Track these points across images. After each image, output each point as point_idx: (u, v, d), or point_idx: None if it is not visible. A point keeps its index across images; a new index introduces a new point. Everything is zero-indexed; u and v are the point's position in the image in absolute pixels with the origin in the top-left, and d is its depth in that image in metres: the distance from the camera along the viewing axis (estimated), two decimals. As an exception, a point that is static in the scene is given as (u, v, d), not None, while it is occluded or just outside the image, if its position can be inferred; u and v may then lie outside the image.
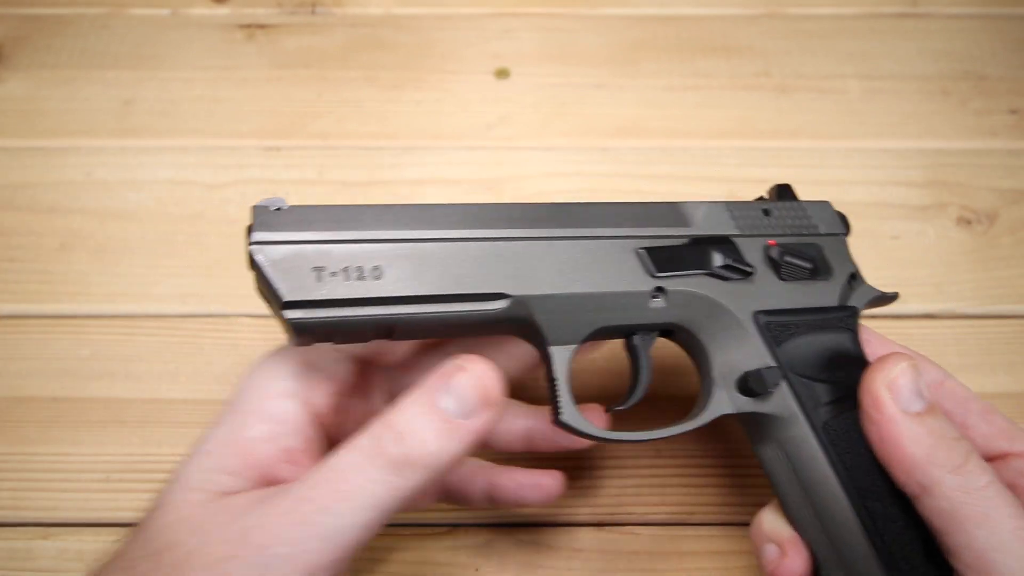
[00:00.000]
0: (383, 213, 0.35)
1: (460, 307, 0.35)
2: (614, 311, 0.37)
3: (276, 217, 0.34)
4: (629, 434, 0.39)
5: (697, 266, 0.38)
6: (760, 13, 0.69)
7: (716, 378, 0.39)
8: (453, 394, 0.32)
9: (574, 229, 0.37)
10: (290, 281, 0.33)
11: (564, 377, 0.37)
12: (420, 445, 0.31)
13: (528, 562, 0.46)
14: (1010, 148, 0.62)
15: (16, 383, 0.51)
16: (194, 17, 0.68)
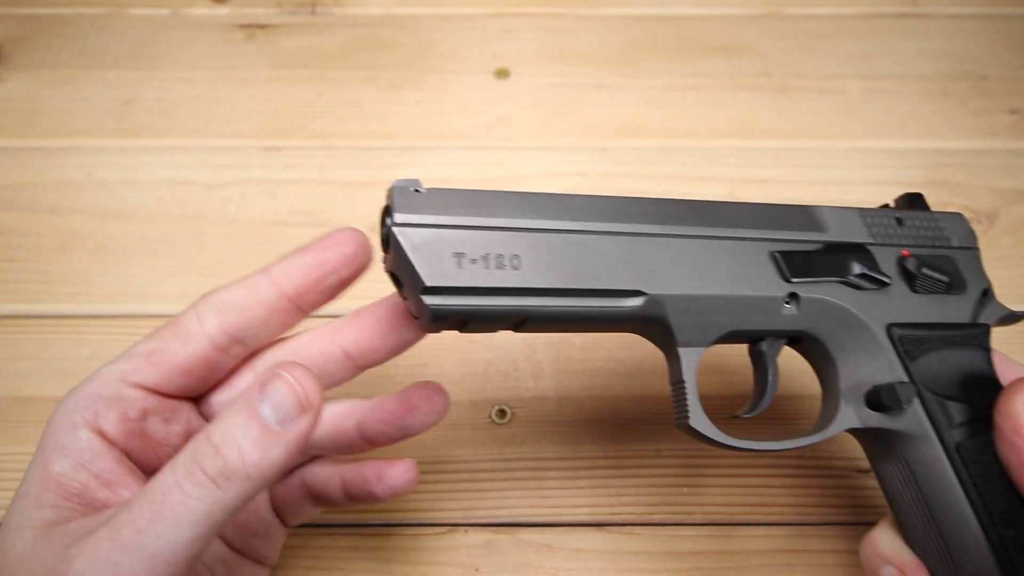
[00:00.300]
0: (522, 201, 0.34)
1: (595, 302, 0.34)
2: (746, 315, 0.36)
3: (416, 199, 0.32)
4: (755, 443, 0.37)
5: (833, 273, 0.37)
6: (760, 13, 0.69)
7: (843, 390, 0.37)
8: (270, 401, 0.31)
9: (710, 228, 0.36)
10: (431, 266, 0.32)
11: (692, 380, 0.36)
12: (238, 456, 0.30)
13: (528, 562, 0.46)
14: (1010, 148, 0.62)
15: (16, 383, 0.51)
16: (194, 17, 0.68)
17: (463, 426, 0.50)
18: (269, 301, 0.36)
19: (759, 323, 0.37)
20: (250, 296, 0.36)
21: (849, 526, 0.47)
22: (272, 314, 0.36)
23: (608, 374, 0.52)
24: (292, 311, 0.37)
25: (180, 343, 0.36)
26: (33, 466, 0.35)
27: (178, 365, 0.36)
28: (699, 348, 0.36)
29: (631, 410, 0.51)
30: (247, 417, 0.31)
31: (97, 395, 0.35)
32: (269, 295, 0.36)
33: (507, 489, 0.48)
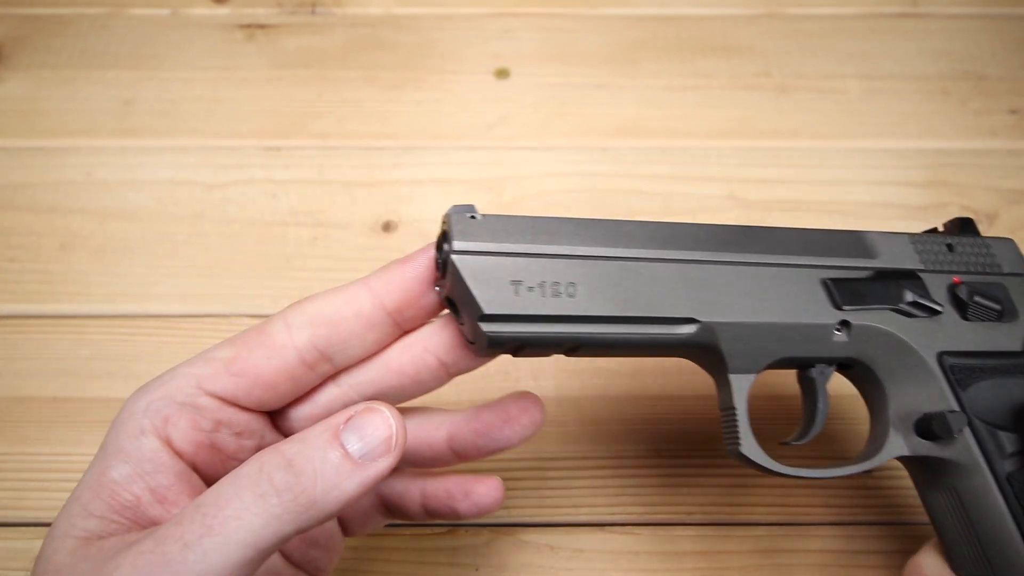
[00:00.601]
0: (577, 227, 0.34)
1: (648, 329, 0.34)
2: (797, 342, 0.36)
3: (473, 225, 0.33)
4: (805, 471, 0.37)
5: (884, 301, 0.37)
6: (760, 13, 0.69)
7: (893, 418, 0.37)
8: (358, 433, 0.30)
9: (761, 255, 0.36)
10: (489, 293, 0.32)
11: (743, 407, 0.36)
12: (311, 479, 0.28)
13: (528, 562, 0.46)
14: (1010, 148, 0.62)
15: (16, 383, 0.51)
16: (194, 17, 0.68)
17: (463, 426, 0.50)
18: (366, 314, 0.33)
19: (810, 350, 0.37)
20: (345, 308, 0.33)
21: (849, 526, 0.47)
22: (368, 329, 0.34)
23: (608, 374, 0.52)
24: (390, 327, 0.34)
25: (265, 354, 0.33)
26: (91, 468, 0.32)
27: (260, 378, 0.33)
28: (749, 375, 0.36)
29: (631, 410, 0.51)
30: (330, 441, 0.29)
31: (169, 399, 0.33)
32: (367, 308, 0.33)
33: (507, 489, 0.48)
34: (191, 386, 0.33)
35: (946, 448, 0.36)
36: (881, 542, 0.47)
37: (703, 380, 0.52)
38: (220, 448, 0.34)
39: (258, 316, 0.54)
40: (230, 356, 0.33)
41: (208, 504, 0.28)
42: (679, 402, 0.51)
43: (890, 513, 0.48)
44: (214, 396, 0.33)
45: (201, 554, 0.27)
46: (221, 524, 0.27)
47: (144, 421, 0.32)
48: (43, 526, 0.47)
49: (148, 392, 0.33)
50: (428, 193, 0.59)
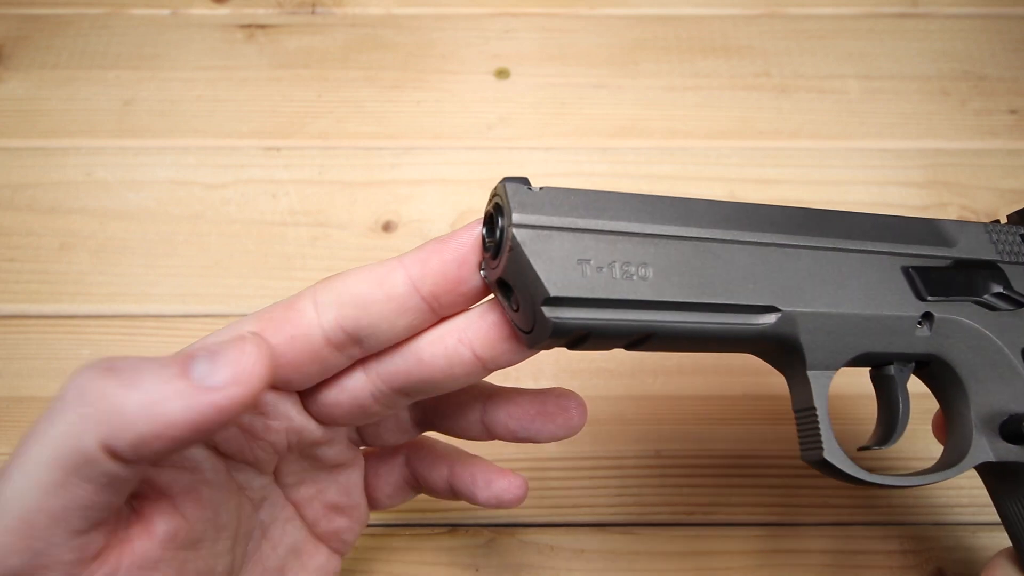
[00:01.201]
0: (644, 204, 0.31)
1: (726, 318, 0.31)
2: (879, 336, 0.34)
3: (533, 197, 0.29)
4: (891, 479, 0.35)
5: (969, 292, 0.35)
6: (760, 13, 0.69)
7: (976, 420, 0.35)
8: (210, 357, 0.26)
9: (840, 240, 0.34)
10: (555, 273, 0.28)
11: (824, 407, 0.33)
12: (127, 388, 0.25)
13: (528, 563, 0.46)
14: (1010, 148, 0.62)
15: (16, 383, 0.51)
16: (194, 17, 0.68)
17: (463, 426, 0.50)
18: (399, 297, 0.30)
19: (890, 345, 0.34)
20: (377, 290, 0.30)
21: (849, 526, 0.47)
22: (400, 314, 0.30)
23: (608, 374, 0.52)
24: (425, 313, 0.30)
25: (290, 332, 0.30)
26: None
27: (284, 357, 0.30)
28: (829, 372, 0.33)
29: (631, 410, 0.51)
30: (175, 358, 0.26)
31: None
32: (400, 290, 0.30)
33: (507, 489, 0.48)
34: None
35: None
36: (881, 542, 0.47)
37: (703, 380, 0.52)
38: (247, 429, 0.32)
39: (258, 316, 0.54)
40: (255, 332, 0.29)
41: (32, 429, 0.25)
42: (679, 402, 0.51)
43: (890, 513, 0.48)
44: None
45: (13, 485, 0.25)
46: (25, 448, 0.25)
47: None
48: (43, 526, 0.47)
49: None
50: (428, 193, 0.59)
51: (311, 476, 0.36)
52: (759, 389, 0.51)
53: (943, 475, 0.35)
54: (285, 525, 0.36)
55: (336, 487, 0.36)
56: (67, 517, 0.25)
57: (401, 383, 0.32)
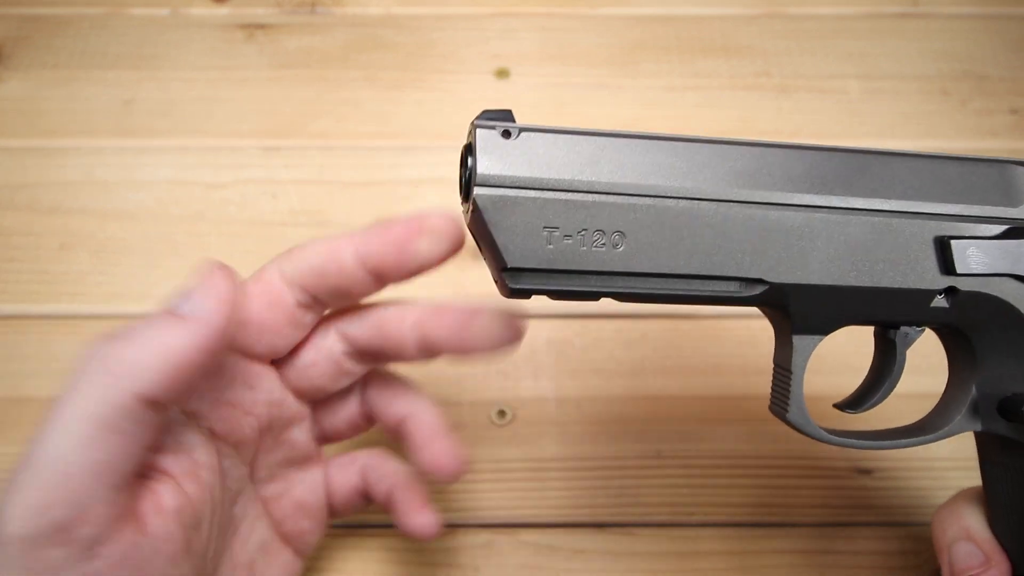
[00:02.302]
0: (638, 152, 0.29)
1: (705, 288, 0.29)
2: (886, 307, 0.31)
3: (505, 149, 0.28)
4: (859, 442, 0.34)
5: (1011, 267, 0.31)
6: (760, 13, 0.69)
7: (976, 391, 0.33)
8: (184, 295, 0.30)
9: (864, 199, 0.30)
10: (516, 242, 0.27)
11: (801, 371, 0.32)
12: (131, 341, 0.29)
13: (528, 563, 0.46)
14: (1010, 148, 0.62)
15: (16, 383, 0.51)
16: (194, 17, 0.68)
17: (463, 426, 0.50)
18: (349, 269, 0.34)
19: (899, 314, 0.31)
20: (330, 262, 0.34)
21: (849, 527, 0.47)
22: (352, 283, 0.34)
23: (608, 374, 0.52)
24: (371, 283, 0.35)
25: (267, 301, 0.34)
26: None
27: (265, 323, 0.34)
28: (817, 336, 0.31)
29: (631, 410, 0.51)
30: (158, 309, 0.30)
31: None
32: (349, 264, 0.34)
33: (507, 489, 0.48)
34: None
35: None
36: (881, 542, 0.47)
37: (703, 380, 0.52)
38: (235, 404, 0.35)
39: (258, 316, 0.54)
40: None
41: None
42: (679, 402, 0.51)
43: (890, 513, 0.48)
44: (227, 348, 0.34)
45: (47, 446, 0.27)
46: (57, 413, 0.28)
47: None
48: (43, 526, 0.47)
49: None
50: (428, 193, 0.59)
51: (281, 472, 0.39)
52: (760, 389, 0.51)
53: (919, 440, 0.33)
54: (255, 522, 0.38)
55: (302, 486, 0.39)
56: (103, 471, 0.28)
57: (363, 346, 0.36)
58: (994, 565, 0.33)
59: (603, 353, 0.53)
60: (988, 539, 0.34)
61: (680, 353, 0.53)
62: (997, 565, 0.33)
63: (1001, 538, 0.34)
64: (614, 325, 0.54)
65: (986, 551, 0.34)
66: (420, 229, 0.33)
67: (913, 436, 0.34)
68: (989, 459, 0.35)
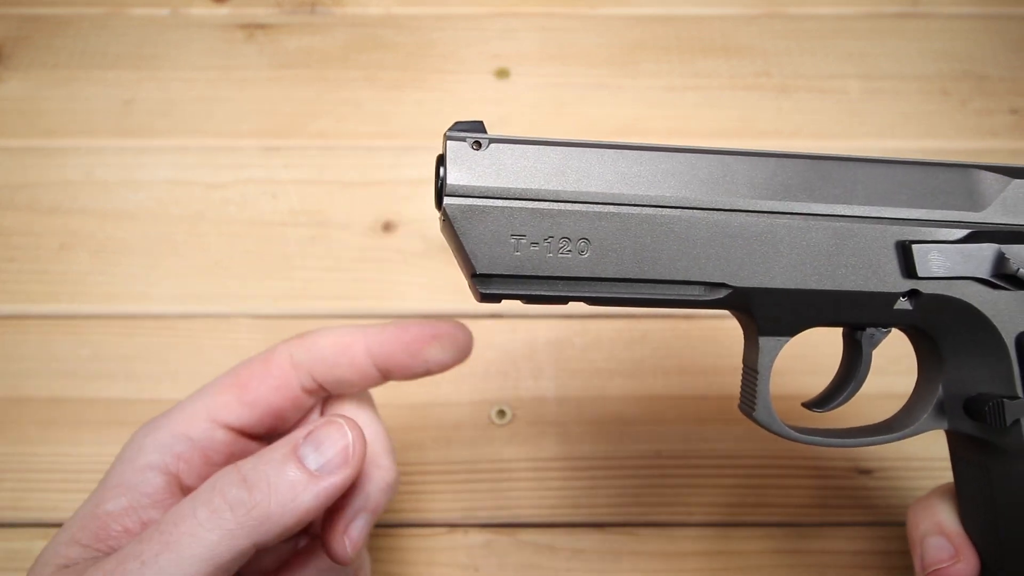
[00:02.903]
0: (605, 161, 0.30)
1: (669, 291, 0.30)
2: (849, 309, 0.31)
3: (475, 159, 0.29)
4: (825, 439, 0.34)
5: (972, 271, 0.31)
6: (760, 13, 0.69)
7: (943, 391, 0.34)
8: (316, 445, 0.30)
9: (825, 204, 0.31)
10: (484, 249, 0.29)
11: (767, 371, 0.32)
12: (266, 492, 0.29)
13: (528, 563, 0.46)
14: (1010, 148, 0.62)
15: (16, 383, 0.51)
16: (194, 17, 0.68)
17: (463, 426, 0.50)
18: (358, 365, 0.36)
19: (863, 316, 0.32)
20: (341, 355, 0.36)
21: (849, 526, 0.47)
22: (360, 377, 0.36)
23: (608, 374, 0.52)
24: (377, 378, 0.37)
25: (274, 384, 0.35)
26: (90, 498, 0.33)
27: (271, 406, 0.35)
28: (783, 338, 0.32)
29: (631, 410, 0.51)
30: (287, 455, 0.30)
31: (184, 436, 0.34)
32: (359, 359, 0.36)
33: (507, 489, 0.48)
34: (205, 419, 0.34)
35: (993, 432, 0.32)
36: (881, 542, 0.47)
37: (704, 380, 0.52)
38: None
39: (258, 316, 0.54)
40: (240, 387, 0.35)
41: (166, 522, 0.28)
42: (679, 402, 0.51)
43: (890, 513, 0.48)
44: (230, 428, 0.35)
45: (157, 570, 0.27)
46: (176, 541, 0.28)
47: (153, 456, 0.33)
48: (42, 527, 0.47)
49: (160, 427, 0.34)
50: (428, 193, 0.59)
51: None
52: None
53: (884, 438, 0.34)
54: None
55: None
56: None
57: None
58: (962, 559, 0.34)
59: (603, 353, 0.53)
60: (959, 534, 0.35)
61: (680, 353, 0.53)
62: (966, 559, 0.34)
63: (971, 534, 0.35)
64: (614, 325, 0.54)
65: (956, 545, 0.34)
66: (434, 336, 0.36)
67: (880, 434, 0.34)
68: (959, 457, 0.35)
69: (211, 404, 0.34)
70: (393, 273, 0.56)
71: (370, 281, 0.55)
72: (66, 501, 0.48)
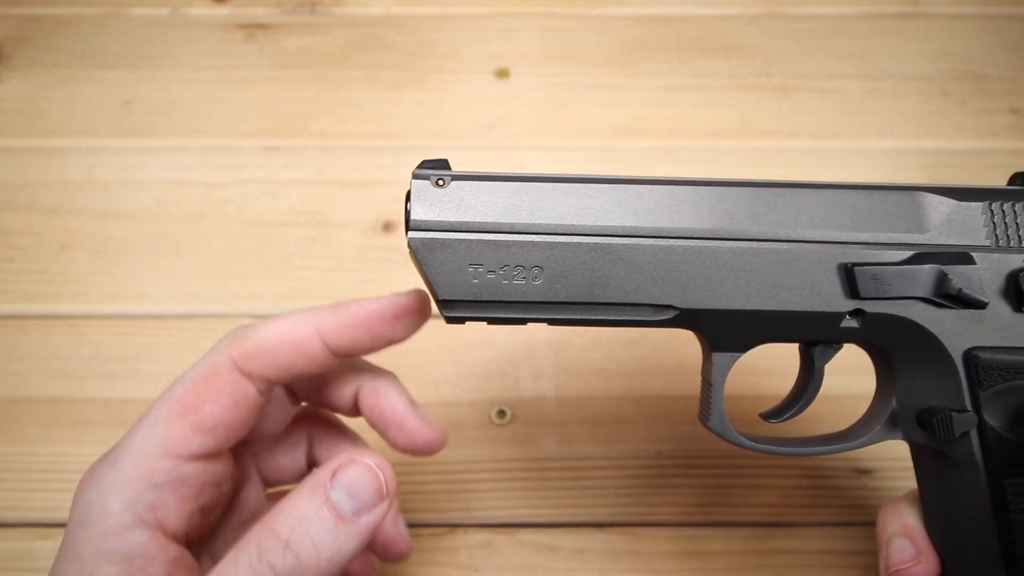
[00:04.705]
0: (557, 196, 0.32)
1: (620, 314, 0.32)
2: (796, 328, 0.33)
3: (436, 197, 0.32)
4: (780, 448, 0.36)
5: (914, 291, 0.32)
6: (760, 13, 0.69)
7: (896, 404, 0.35)
8: (346, 490, 0.29)
9: (770, 229, 0.32)
10: (446, 277, 0.31)
11: (720, 385, 0.34)
12: (312, 551, 0.28)
13: (528, 563, 0.46)
14: (1010, 148, 0.62)
15: (16, 383, 0.51)
16: (194, 17, 0.68)
17: (463, 426, 0.50)
18: (315, 357, 0.34)
19: (811, 334, 0.34)
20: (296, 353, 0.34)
21: (849, 526, 0.47)
22: (317, 367, 0.35)
23: (608, 374, 0.52)
24: (335, 361, 0.35)
25: (228, 403, 0.33)
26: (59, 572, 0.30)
27: (232, 424, 0.33)
28: (735, 354, 0.34)
29: (631, 410, 0.51)
30: (319, 506, 0.29)
31: (147, 483, 0.31)
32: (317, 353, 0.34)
33: (507, 489, 0.48)
34: (165, 459, 0.31)
35: (945, 444, 0.34)
36: (881, 542, 0.47)
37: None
38: (206, 507, 0.34)
39: (258, 316, 0.54)
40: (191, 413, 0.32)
41: None
42: (679, 402, 0.51)
43: (890, 513, 0.48)
44: (196, 458, 0.32)
45: None
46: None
47: (125, 516, 0.30)
48: (42, 526, 0.47)
49: (113, 477, 0.31)
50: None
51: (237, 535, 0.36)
52: (758, 390, 0.51)
53: (840, 447, 0.35)
54: None
55: None
56: None
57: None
58: (923, 561, 0.35)
59: (603, 353, 0.53)
60: (922, 537, 0.36)
61: (679, 353, 0.53)
62: (926, 562, 0.35)
63: (933, 537, 0.36)
64: (614, 325, 0.53)
65: (919, 548, 0.36)
66: (395, 316, 0.35)
67: (834, 443, 0.36)
68: (919, 466, 0.37)
69: (165, 441, 0.32)
70: (393, 273, 0.56)
71: (370, 281, 0.55)
72: (66, 501, 0.47)
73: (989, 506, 0.33)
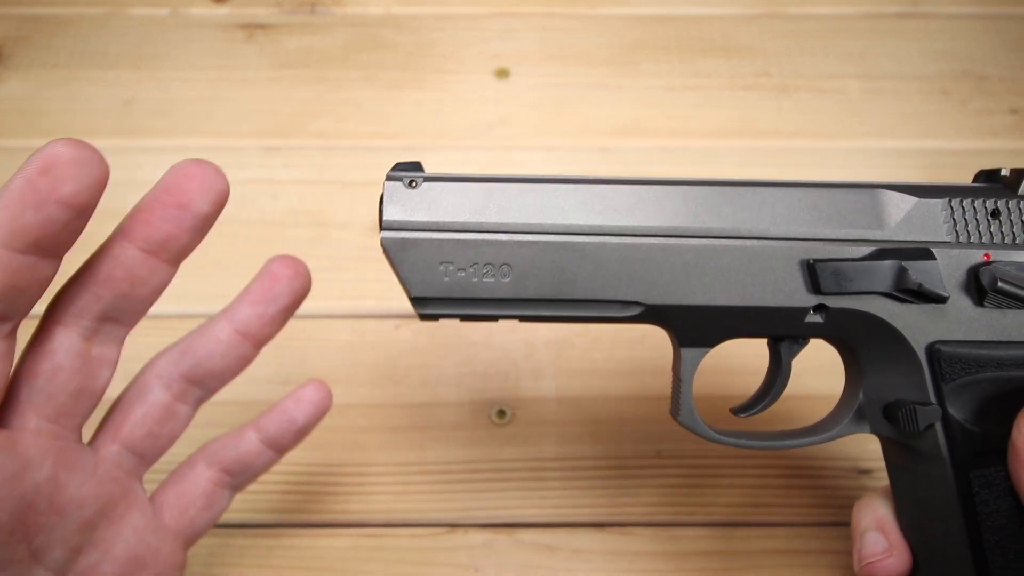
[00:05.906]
0: (525, 196, 0.33)
1: (588, 310, 0.34)
2: (762, 323, 0.34)
3: (409, 197, 0.33)
4: (748, 441, 0.37)
5: (875, 286, 0.33)
6: (760, 13, 0.69)
7: (863, 397, 0.36)
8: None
9: (732, 227, 0.33)
10: (417, 275, 0.33)
11: (690, 379, 0.35)
12: None
13: (528, 562, 0.46)
14: (1010, 148, 0.62)
15: (16, 383, 0.51)
16: (194, 17, 0.68)
17: (463, 426, 0.50)
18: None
19: (777, 329, 0.34)
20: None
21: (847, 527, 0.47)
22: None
23: (608, 374, 0.52)
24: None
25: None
26: None
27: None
28: (703, 348, 0.35)
29: (631, 410, 0.51)
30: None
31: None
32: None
33: (507, 489, 0.48)
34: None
35: (911, 436, 0.34)
36: (881, 542, 0.47)
37: (703, 380, 0.52)
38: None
39: (258, 316, 0.54)
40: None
41: None
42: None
43: (890, 513, 0.48)
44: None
45: None
46: None
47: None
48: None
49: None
50: (428, 193, 0.59)
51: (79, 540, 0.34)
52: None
53: (808, 440, 0.36)
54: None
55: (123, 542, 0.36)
56: None
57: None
58: (895, 554, 0.36)
59: (603, 353, 0.53)
60: (894, 530, 0.37)
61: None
62: (898, 555, 0.36)
63: (905, 530, 0.37)
64: (614, 325, 0.53)
65: (891, 541, 0.37)
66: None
67: (803, 437, 0.37)
68: (889, 460, 0.37)
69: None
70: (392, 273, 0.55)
71: (370, 281, 0.55)
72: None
73: (956, 498, 0.34)
